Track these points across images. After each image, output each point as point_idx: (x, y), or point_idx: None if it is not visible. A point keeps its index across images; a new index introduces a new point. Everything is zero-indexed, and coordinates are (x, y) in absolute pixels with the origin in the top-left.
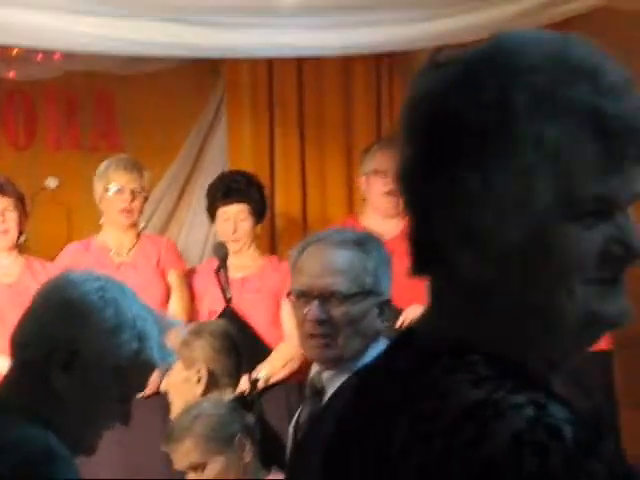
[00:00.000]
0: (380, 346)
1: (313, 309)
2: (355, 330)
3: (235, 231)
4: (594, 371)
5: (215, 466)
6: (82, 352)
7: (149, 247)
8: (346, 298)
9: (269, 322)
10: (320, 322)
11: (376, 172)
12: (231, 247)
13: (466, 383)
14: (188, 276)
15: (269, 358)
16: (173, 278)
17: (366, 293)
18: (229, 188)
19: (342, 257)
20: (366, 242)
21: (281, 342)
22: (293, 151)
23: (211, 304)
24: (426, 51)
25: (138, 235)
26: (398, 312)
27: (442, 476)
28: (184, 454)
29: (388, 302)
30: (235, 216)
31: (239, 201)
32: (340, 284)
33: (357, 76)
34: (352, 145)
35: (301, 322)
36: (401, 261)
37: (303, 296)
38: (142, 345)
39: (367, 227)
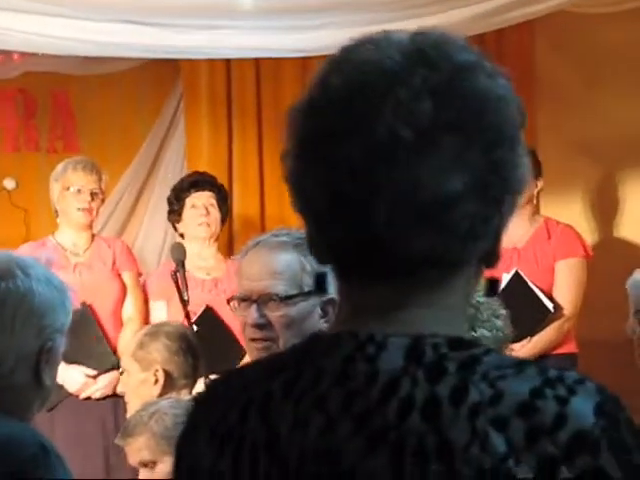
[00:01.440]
0: None
1: (251, 313)
2: (296, 332)
3: (207, 214)
4: None
5: (165, 466)
6: (55, 342)
7: (104, 248)
8: (283, 300)
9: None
10: (259, 326)
11: None
12: (199, 236)
13: (504, 368)
14: (152, 277)
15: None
16: (128, 280)
17: (306, 294)
18: (198, 180)
19: (279, 259)
20: (304, 243)
21: None
22: (251, 153)
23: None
24: None
25: (93, 236)
26: None
27: (531, 458)
28: (136, 450)
29: (332, 301)
30: (206, 201)
31: (209, 190)
32: (276, 286)
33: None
34: None
35: (243, 327)
36: None
37: (243, 301)
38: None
39: None
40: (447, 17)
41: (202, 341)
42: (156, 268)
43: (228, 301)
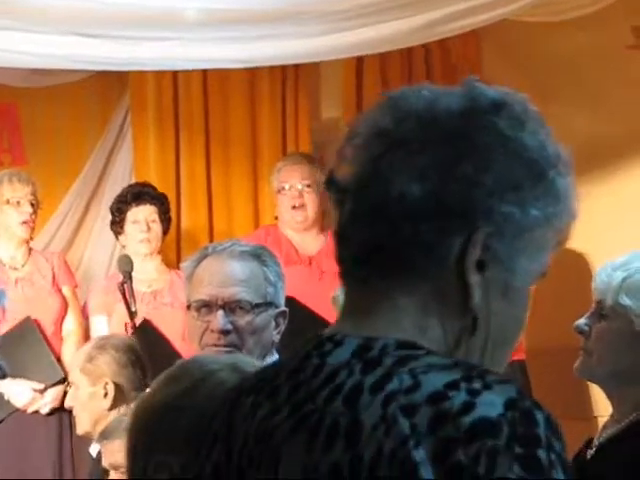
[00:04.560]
0: (274, 358)
1: (218, 319)
2: (257, 340)
3: (149, 230)
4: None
5: None
6: None
7: (42, 262)
8: (252, 308)
9: (183, 336)
10: (225, 332)
11: (281, 189)
12: (140, 252)
13: (433, 366)
14: (94, 291)
15: None
16: (67, 294)
17: (267, 304)
18: (140, 192)
19: (243, 267)
20: (262, 254)
21: None
22: (199, 165)
23: (125, 317)
24: (331, 63)
25: (30, 250)
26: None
27: (431, 441)
28: (110, 452)
29: (284, 314)
30: (148, 217)
31: (151, 203)
32: (245, 293)
33: (262, 88)
34: (257, 158)
35: (201, 333)
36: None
37: (205, 307)
38: None
39: (290, 239)
40: (391, 27)
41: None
42: (104, 279)
43: (188, 307)
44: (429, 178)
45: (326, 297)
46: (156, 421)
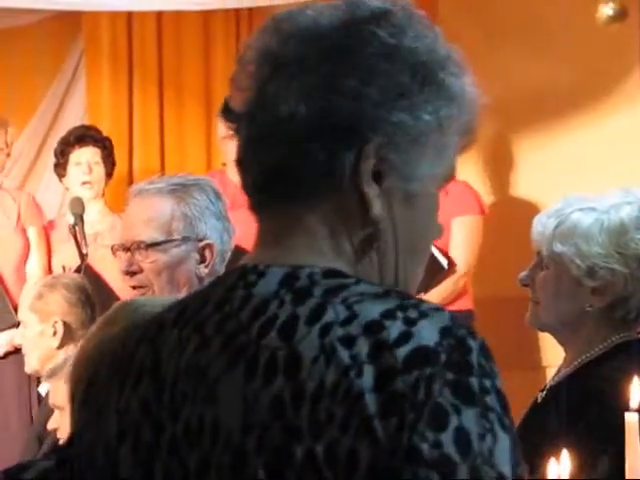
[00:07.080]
0: None
1: (122, 262)
2: (169, 278)
3: (90, 172)
4: None
5: None
6: None
7: (9, 202)
8: (150, 247)
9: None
10: (130, 273)
11: (226, 136)
12: (82, 195)
13: (366, 295)
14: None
15: None
16: (33, 235)
17: (178, 240)
18: (84, 134)
19: (151, 206)
20: (182, 189)
21: None
22: (152, 108)
23: (64, 260)
24: (285, 7)
25: None
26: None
27: (372, 371)
28: (54, 392)
29: (210, 246)
30: (90, 159)
31: (94, 145)
32: (143, 234)
33: (217, 32)
34: (211, 101)
35: (122, 276)
36: None
37: (120, 250)
38: None
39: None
40: None
41: None
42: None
43: (113, 252)
44: (314, 96)
45: None
46: (89, 369)
